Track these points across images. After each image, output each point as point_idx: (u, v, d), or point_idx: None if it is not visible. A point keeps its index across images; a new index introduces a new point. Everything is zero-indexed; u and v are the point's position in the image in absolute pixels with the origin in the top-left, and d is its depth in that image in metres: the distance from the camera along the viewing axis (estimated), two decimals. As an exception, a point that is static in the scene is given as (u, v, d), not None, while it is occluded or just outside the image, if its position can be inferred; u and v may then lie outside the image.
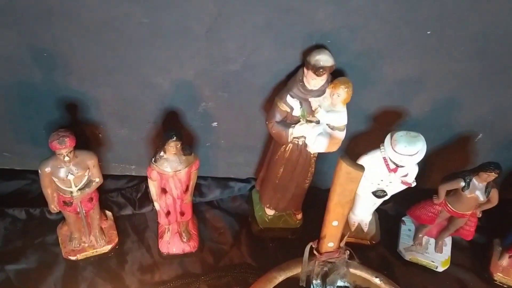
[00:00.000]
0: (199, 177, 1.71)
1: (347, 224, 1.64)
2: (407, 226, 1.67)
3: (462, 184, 1.36)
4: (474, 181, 1.35)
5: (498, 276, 1.59)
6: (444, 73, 1.29)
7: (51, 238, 1.56)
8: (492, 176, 1.31)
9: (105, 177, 1.67)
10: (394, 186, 1.40)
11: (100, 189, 1.61)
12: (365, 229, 1.64)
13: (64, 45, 1.22)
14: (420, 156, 1.26)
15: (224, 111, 1.44)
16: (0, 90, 1.36)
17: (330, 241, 1.22)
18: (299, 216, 1.62)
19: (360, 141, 1.52)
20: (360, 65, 1.26)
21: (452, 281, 1.60)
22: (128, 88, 1.35)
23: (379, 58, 1.25)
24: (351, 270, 1.31)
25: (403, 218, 1.69)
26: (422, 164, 1.64)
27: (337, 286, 1.41)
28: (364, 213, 1.60)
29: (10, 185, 1.66)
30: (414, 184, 1.40)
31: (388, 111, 1.42)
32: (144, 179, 1.63)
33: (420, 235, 1.62)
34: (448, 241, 1.65)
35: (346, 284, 1.41)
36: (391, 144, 1.27)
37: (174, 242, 1.54)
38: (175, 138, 1.25)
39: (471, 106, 1.41)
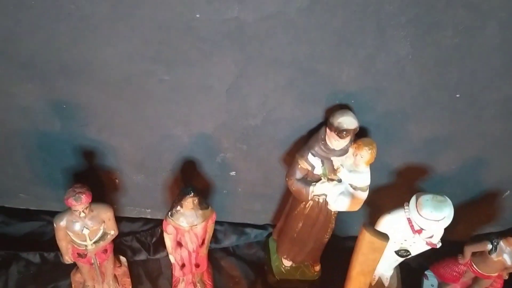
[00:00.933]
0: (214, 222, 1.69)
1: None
2: (430, 281, 1.61)
3: (489, 247, 1.31)
4: (502, 244, 1.29)
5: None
6: (473, 134, 1.24)
7: (64, 284, 1.53)
8: (521, 241, 1.25)
9: (120, 219, 1.66)
10: (418, 246, 1.34)
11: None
12: (386, 284, 1.58)
13: (84, 98, 1.20)
14: (447, 221, 1.21)
15: (242, 162, 1.41)
16: (19, 137, 1.36)
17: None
18: (317, 268, 1.57)
19: (382, 195, 1.46)
20: (385, 124, 1.22)
21: None
22: (146, 139, 1.33)
23: (405, 118, 1.21)
24: None
25: (426, 272, 1.62)
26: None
27: None
28: (385, 268, 1.54)
29: (25, 227, 1.64)
30: (439, 245, 1.34)
31: (413, 167, 1.38)
32: (160, 222, 1.60)
33: (443, 293, 1.55)
34: (472, 299, 1.58)
35: None
36: (416, 208, 1.22)
37: (188, 294, 1.50)
38: (192, 194, 1.22)
39: (499, 164, 1.36)
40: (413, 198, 1.24)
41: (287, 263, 1.57)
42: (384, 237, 1.06)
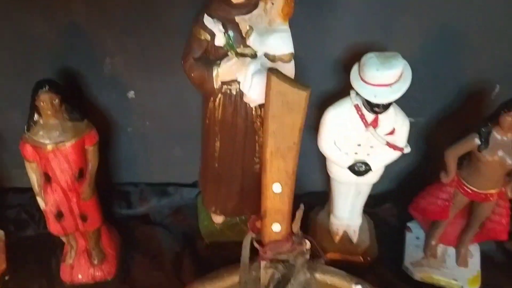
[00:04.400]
0: (127, 184, 1.31)
1: (328, 234, 1.18)
2: (414, 233, 1.21)
3: (477, 141, 0.93)
4: (495, 134, 0.92)
5: (557, 298, 1.08)
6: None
7: None
8: (519, 118, 0.88)
9: (6, 190, 1.31)
10: (377, 152, 0.96)
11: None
12: (354, 239, 1.17)
13: None
14: (403, 85, 0.85)
15: (137, 68, 1.06)
16: None
17: (274, 221, 0.77)
18: (258, 224, 1.16)
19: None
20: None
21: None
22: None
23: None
24: (318, 275, 0.84)
25: (408, 224, 1.22)
26: (424, 144, 1.23)
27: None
28: (348, 212, 1.14)
29: None
30: (407, 150, 0.96)
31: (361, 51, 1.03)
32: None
33: (433, 243, 1.14)
34: (474, 251, 1.16)
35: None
36: (359, 74, 0.86)
37: (80, 266, 1.11)
38: (47, 87, 0.88)
39: (487, 46, 1.02)
40: (355, 66, 0.88)
41: (218, 219, 1.19)
42: (303, 86, 0.69)
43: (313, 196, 1.31)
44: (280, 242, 0.78)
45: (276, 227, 0.77)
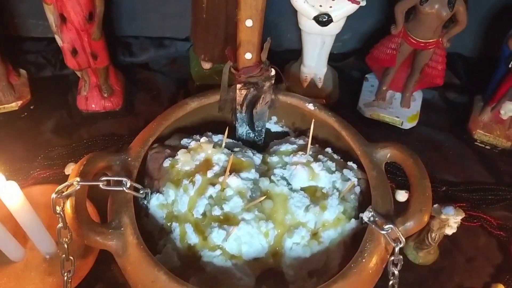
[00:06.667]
0: (128, 36, 1.51)
1: (299, 81, 1.41)
2: (370, 82, 1.44)
3: (420, -5, 1.12)
4: (435, -10, 1.10)
5: (479, 134, 1.35)
6: None
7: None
8: (453, -25, 1.06)
9: (23, 39, 1.50)
10: (338, 5, 1.15)
11: (14, 49, 1.43)
12: (319, 85, 1.40)
13: None
14: None
15: None
16: None
17: (247, 51, 0.98)
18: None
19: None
20: None
21: (423, 141, 1.36)
22: None
23: None
24: (280, 97, 1.08)
25: (366, 75, 1.45)
26: (387, 6, 1.42)
27: (275, 132, 1.20)
28: (315, 62, 1.35)
29: None
30: (363, 3, 1.15)
31: None
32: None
33: (383, 88, 1.38)
34: (417, 96, 1.40)
35: (284, 128, 1.20)
36: None
37: (93, 97, 1.34)
38: None
39: None
40: None
41: (206, 65, 1.40)
42: None
43: (288, 53, 1.51)
44: (251, 67, 0.99)
45: (248, 55, 0.98)
